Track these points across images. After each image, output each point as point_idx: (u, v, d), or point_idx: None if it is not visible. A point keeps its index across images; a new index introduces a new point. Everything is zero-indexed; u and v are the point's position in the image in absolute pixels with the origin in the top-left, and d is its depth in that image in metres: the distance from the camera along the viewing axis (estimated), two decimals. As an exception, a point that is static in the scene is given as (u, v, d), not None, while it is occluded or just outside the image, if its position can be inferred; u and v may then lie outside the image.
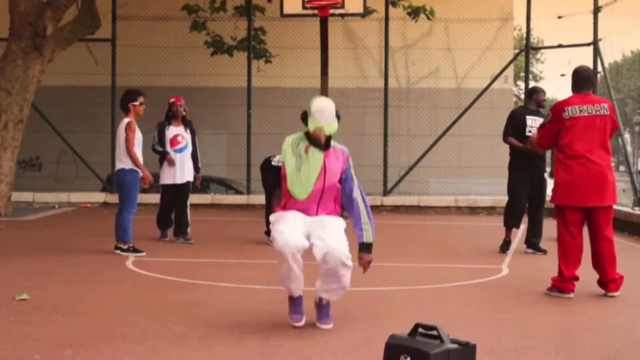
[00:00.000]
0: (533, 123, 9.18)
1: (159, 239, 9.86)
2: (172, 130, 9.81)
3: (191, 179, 9.91)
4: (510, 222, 9.35)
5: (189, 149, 9.86)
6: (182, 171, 9.76)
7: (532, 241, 9.27)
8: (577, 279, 6.63)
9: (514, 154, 9.26)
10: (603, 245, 6.61)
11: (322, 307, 5.41)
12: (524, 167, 9.16)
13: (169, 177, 9.75)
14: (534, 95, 9.41)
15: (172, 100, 9.95)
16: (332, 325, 5.34)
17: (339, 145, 5.48)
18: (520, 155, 9.13)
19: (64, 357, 4.52)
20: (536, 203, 9.30)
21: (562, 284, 6.60)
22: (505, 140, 9.27)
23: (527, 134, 9.11)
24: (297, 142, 5.35)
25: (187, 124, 9.93)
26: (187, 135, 9.87)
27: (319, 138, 5.29)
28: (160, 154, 9.79)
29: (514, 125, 9.19)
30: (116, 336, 4.99)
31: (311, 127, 5.29)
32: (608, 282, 6.62)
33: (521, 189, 9.21)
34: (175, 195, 9.78)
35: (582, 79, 6.74)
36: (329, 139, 5.38)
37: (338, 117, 5.57)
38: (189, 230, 9.85)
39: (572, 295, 6.57)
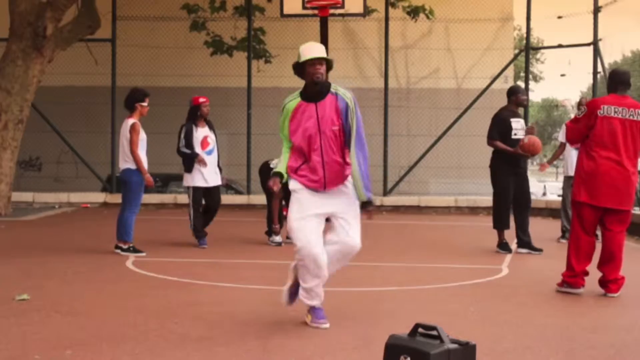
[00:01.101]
0: (517, 125, 9.20)
1: (199, 246, 9.34)
2: (200, 132, 9.34)
3: (220, 182, 9.52)
4: (500, 224, 9.35)
5: (216, 151, 9.47)
6: (211, 173, 9.36)
7: (525, 240, 9.27)
8: (587, 274, 6.68)
9: (499, 156, 9.27)
10: (615, 245, 6.62)
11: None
12: (509, 170, 9.20)
13: (199, 179, 9.29)
14: (512, 97, 9.36)
15: (201, 100, 9.42)
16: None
17: (341, 90, 5.31)
18: (506, 157, 9.16)
19: (64, 357, 4.52)
20: (522, 204, 9.31)
21: (574, 279, 6.63)
22: (491, 143, 9.27)
23: (513, 137, 9.11)
24: (291, 100, 5.33)
25: (210, 125, 9.52)
26: (213, 137, 9.48)
27: (316, 74, 5.16)
28: (188, 156, 9.29)
29: (500, 129, 9.21)
30: (116, 336, 4.99)
31: (304, 61, 5.16)
32: (610, 281, 6.62)
33: (507, 190, 9.25)
34: (206, 199, 9.41)
35: (620, 81, 6.69)
36: (327, 86, 5.25)
37: (331, 66, 5.35)
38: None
39: (582, 290, 6.62)
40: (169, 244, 9.65)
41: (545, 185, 25.61)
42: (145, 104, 8.65)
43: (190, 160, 9.33)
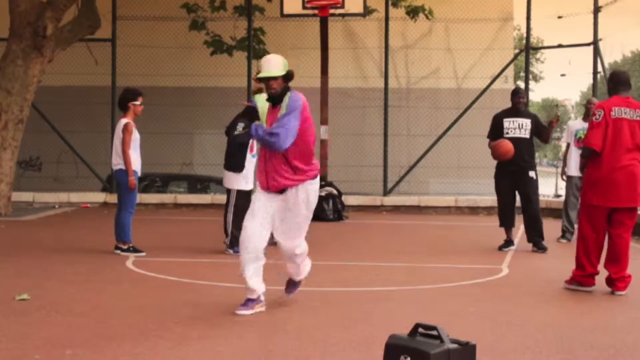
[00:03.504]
0: (510, 125, 9.29)
1: (235, 253, 8.48)
2: None
3: None
4: (502, 222, 9.54)
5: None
6: (252, 177, 8.94)
7: (535, 240, 9.31)
8: (597, 273, 6.78)
9: None
10: (621, 243, 6.68)
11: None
12: (503, 168, 9.32)
13: (247, 182, 8.88)
14: (511, 98, 9.50)
15: None
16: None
17: (287, 97, 5.62)
18: None
19: (64, 357, 4.52)
20: (525, 202, 9.37)
21: (585, 279, 6.75)
22: (488, 144, 9.47)
23: (505, 135, 9.19)
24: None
25: None
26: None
27: (268, 89, 5.60)
28: (242, 139, 8.53)
29: (494, 128, 9.41)
30: (116, 336, 4.99)
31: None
32: (618, 279, 6.65)
33: (503, 189, 9.42)
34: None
35: (622, 82, 6.80)
36: (284, 93, 5.59)
37: (291, 76, 5.69)
38: None
39: (592, 288, 6.73)
40: (169, 244, 9.64)
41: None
42: (138, 102, 8.63)
43: (241, 159, 8.84)
